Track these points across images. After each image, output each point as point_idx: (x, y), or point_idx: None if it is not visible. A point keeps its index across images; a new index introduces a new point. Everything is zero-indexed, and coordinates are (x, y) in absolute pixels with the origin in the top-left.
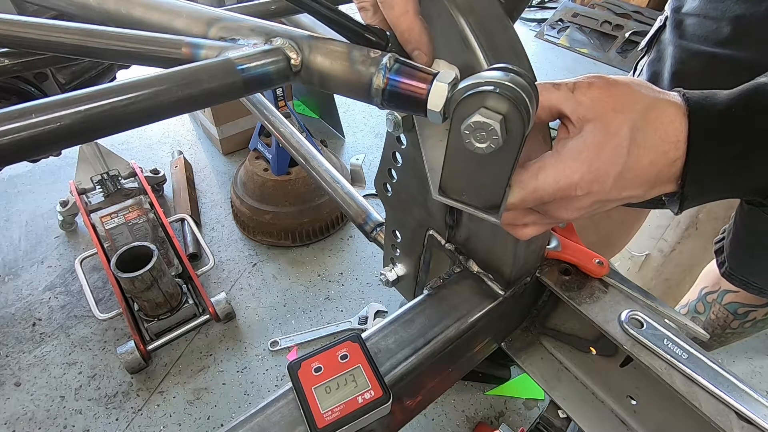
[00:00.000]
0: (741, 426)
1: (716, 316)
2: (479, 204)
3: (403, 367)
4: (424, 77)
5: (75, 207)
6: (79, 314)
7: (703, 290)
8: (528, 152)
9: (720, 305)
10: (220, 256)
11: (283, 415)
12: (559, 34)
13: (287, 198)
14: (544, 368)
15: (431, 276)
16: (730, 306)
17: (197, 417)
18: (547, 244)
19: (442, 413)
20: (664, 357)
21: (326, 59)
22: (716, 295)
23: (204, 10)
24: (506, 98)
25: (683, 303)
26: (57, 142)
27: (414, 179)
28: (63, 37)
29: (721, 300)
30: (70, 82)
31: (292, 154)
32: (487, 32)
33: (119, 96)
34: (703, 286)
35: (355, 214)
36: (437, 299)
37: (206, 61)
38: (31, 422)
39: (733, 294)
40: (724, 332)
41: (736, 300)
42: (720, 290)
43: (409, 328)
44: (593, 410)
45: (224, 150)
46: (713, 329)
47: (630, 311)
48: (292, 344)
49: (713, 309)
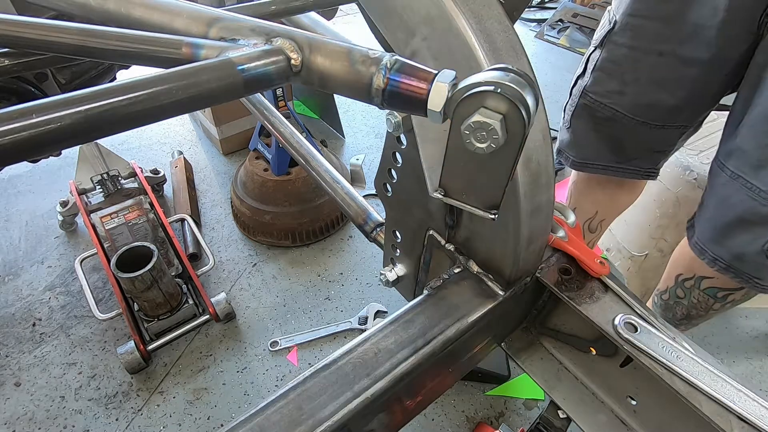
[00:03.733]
0: (741, 426)
1: (697, 300)
2: (479, 204)
3: (403, 367)
4: (424, 77)
5: (75, 207)
6: (79, 314)
7: (679, 277)
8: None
9: (699, 291)
10: (220, 256)
11: (283, 415)
12: (559, 35)
13: (287, 198)
14: (544, 368)
15: (431, 276)
16: (710, 291)
17: (197, 417)
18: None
19: (442, 413)
20: (661, 360)
21: (326, 59)
22: (693, 281)
23: (204, 10)
24: (506, 98)
25: (662, 288)
26: (57, 142)
27: (414, 179)
28: (63, 37)
29: (699, 286)
30: (70, 82)
31: (292, 154)
32: (487, 32)
33: (119, 96)
34: (678, 273)
35: (355, 214)
36: (437, 299)
37: (206, 61)
38: (31, 422)
39: (709, 280)
40: (708, 313)
41: (714, 285)
42: (695, 276)
43: (409, 328)
44: (593, 410)
45: (224, 150)
46: (697, 312)
47: (624, 315)
48: (292, 344)
49: (693, 294)
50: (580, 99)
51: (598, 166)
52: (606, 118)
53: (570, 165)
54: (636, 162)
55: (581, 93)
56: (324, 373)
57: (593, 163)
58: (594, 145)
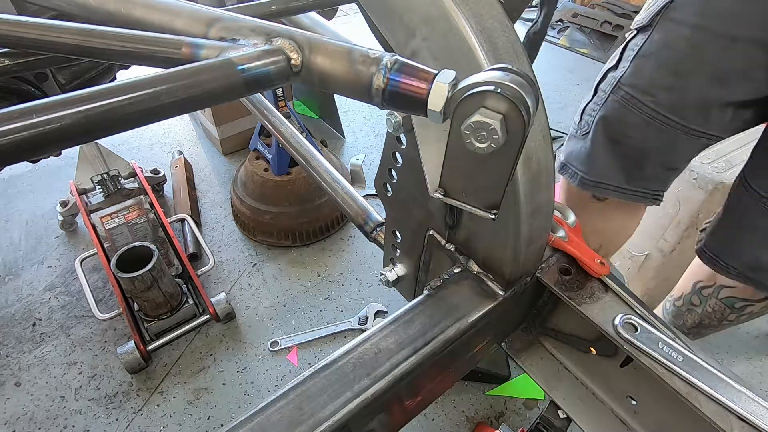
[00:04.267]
0: (741, 426)
1: (713, 309)
2: (479, 204)
3: (403, 367)
4: (424, 77)
5: (75, 207)
6: (79, 314)
7: (697, 284)
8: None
9: (717, 299)
10: (220, 256)
11: (283, 415)
12: (559, 34)
13: (287, 198)
14: (544, 368)
15: (431, 276)
16: (728, 300)
17: (197, 417)
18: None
19: (442, 413)
20: (661, 360)
21: (326, 59)
22: (712, 289)
23: (204, 11)
24: (506, 98)
25: (677, 295)
26: (57, 142)
27: (414, 179)
28: (63, 37)
29: (717, 294)
30: (70, 82)
31: (292, 154)
32: (487, 32)
33: (119, 96)
34: (697, 280)
35: (355, 214)
36: (437, 299)
37: (207, 62)
38: (31, 422)
39: (729, 289)
40: (721, 323)
41: (734, 295)
42: (716, 285)
43: (409, 328)
44: (593, 410)
45: (224, 150)
46: (710, 321)
47: (624, 315)
48: (292, 344)
49: (709, 302)
50: (610, 95)
51: (609, 187)
52: (637, 124)
53: (578, 183)
54: (645, 183)
55: (614, 87)
56: (324, 373)
57: (605, 183)
58: (613, 159)
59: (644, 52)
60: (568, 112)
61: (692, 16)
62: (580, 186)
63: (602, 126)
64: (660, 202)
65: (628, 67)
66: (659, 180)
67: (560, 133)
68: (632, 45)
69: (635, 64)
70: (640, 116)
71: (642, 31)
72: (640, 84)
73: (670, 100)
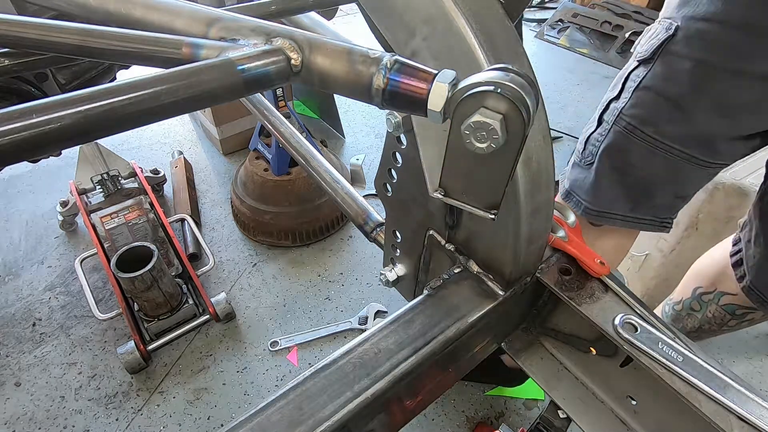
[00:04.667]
0: (741, 426)
1: (713, 314)
2: (479, 204)
3: (403, 367)
4: (424, 77)
5: (75, 207)
6: (79, 314)
7: (697, 290)
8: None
9: (717, 306)
10: (220, 256)
11: (283, 415)
12: (559, 35)
13: (287, 198)
14: (544, 368)
15: (431, 276)
16: (728, 307)
17: (197, 417)
18: (555, 233)
19: (442, 413)
20: (661, 360)
21: (326, 59)
22: (712, 296)
23: (204, 10)
24: (506, 98)
25: (676, 299)
26: (57, 142)
27: (414, 179)
28: (63, 37)
29: (717, 301)
30: (70, 82)
31: (292, 155)
32: (487, 32)
33: (119, 96)
34: (697, 286)
35: (355, 214)
36: (437, 299)
37: (207, 62)
38: (31, 422)
39: (730, 296)
40: (721, 329)
41: (734, 302)
42: (716, 291)
43: (409, 328)
44: (593, 410)
45: (224, 150)
46: (710, 326)
47: (624, 315)
48: (292, 344)
49: (709, 308)
50: (613, 126)
51: (616, 216)
52: (641, 154)
53: (582, 212)
54: (654, 211)
55: (616, 118)
56: (324, 373)
57: (610, 213)
58: (618, 189)
59: (646, 84)
60: (568, 112)
61: (695, 50)
62: (584, 215)
63: (607, 156)
64: (669, 229)
65: (630, 98)
66: (668, 207)
67: (560, 133)
68: (633, 76)
69: (637, 95)
70: (644, 145)
71: (644, 63)
72: (641, 115)
73: (674, 131)
